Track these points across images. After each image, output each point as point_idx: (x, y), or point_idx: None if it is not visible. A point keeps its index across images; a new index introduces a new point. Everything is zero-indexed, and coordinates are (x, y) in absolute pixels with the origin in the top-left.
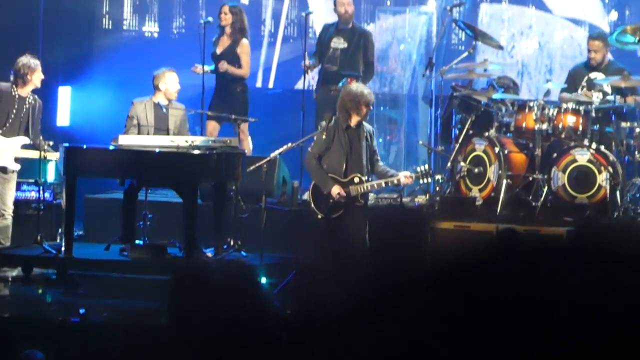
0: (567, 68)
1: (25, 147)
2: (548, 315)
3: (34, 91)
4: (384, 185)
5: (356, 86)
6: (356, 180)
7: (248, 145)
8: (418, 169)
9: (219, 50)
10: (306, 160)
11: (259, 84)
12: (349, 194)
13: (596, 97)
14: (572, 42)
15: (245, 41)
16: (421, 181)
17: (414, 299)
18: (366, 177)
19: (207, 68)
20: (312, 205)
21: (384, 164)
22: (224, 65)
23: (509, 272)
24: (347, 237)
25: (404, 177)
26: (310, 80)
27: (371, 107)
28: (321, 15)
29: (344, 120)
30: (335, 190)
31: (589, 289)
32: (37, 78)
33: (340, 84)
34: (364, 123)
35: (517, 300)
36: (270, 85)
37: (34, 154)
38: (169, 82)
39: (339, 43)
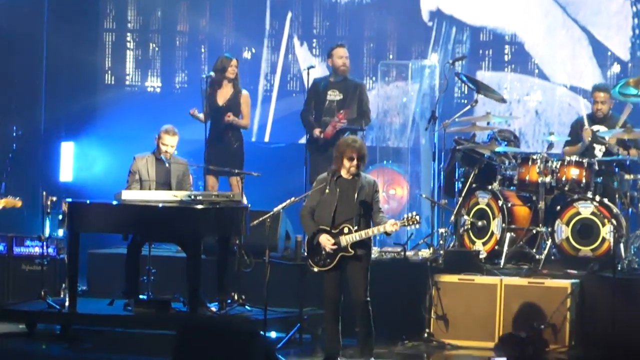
0: (564, 135)
1: None
2: None
3: None
4: (371, 233)
5: (344, 138)
6: (346, 230)
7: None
8: (405, 215)
9: (220, 102)
10: (300, 214)
11: (265, 138)
12: (339, 244)
13: (599, 149)
14: (570, 110)
15: (246, 92)
16: (408, 228)
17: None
18: (356, 228)
19: (200, 115)
20: (308, 259)
21: (383, 215)
22: (230, 117)
23: None
24: (348, 290)
25: (390, 224)
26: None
27: (354, 159)
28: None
29: (337, 171)
30: (323, 239)
31: None
32: None
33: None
34: (364, 175)
35: None
36: (266, 139)
37: None
38: (161, 140)
39: (334, 95)
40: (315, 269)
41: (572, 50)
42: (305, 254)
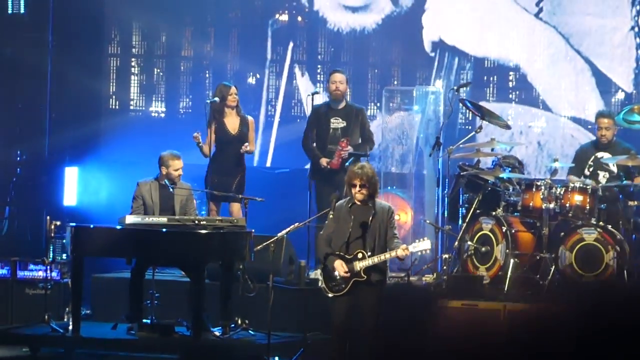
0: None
1: None
2: None
3: None
4: (383, 258)
5: (351, 166)
6: (359, 256)
7: None
8: (416, 241)
9: (232, 131)
10: (316, 242)
11: (267, 163)
12: (352, 269)
13: (602, 176)
14: (573, 142)
15: (251, 118)
16: (419, 253)
17: None
18: (370, 254)
19: (205, 148)
20: (322, 284)
21: (398, 241)
22: (247, 148)
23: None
24: (358, 316)
25: (401, 249)
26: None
27: (357, 185)
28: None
29: (352, 198)
30: (337, 264)
31: None
32: None
33: (347, 164)
34: (379, 201)
35: None
36: (268, 164)
37: None
38: (171, 167)
39: (337, 123)
40: (330, 295)
41: (575, 81)
42: (321, 279)
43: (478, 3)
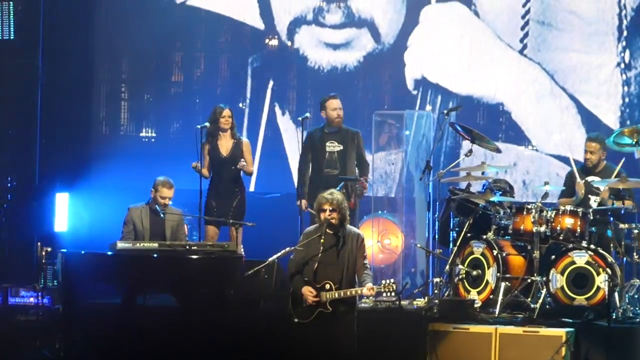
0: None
1: None
2: None
3: None
4: (349, 294)
5: (321, 193)
6: (327, 286)
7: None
8: (382, 281)
9: (224, 153)
10: (287, 267)
11: (251, 188)
12: (319, 299)
13: (594, 200)
14: (559, 180)
15: (246, 140)
16: (384, 294)
17: None
18: (338, 285)
19: (204, 171)
20: (290, 308)
21: (367, 273)
22: (242, 164)
23: None
24: (324, 344)
25: (366, 288)
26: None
27: (329, 211)
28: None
29: (321, 226)
30: (305, 290)
31: None
32: None
33: (338, 188)
34: (349, 228)
35: None
36: (252, 189)
37: None
38: (159, 193)
39: (334, 146)
40: (296, 320)
41: (560, 118)
42: (289, 304)
43: (461, 40)
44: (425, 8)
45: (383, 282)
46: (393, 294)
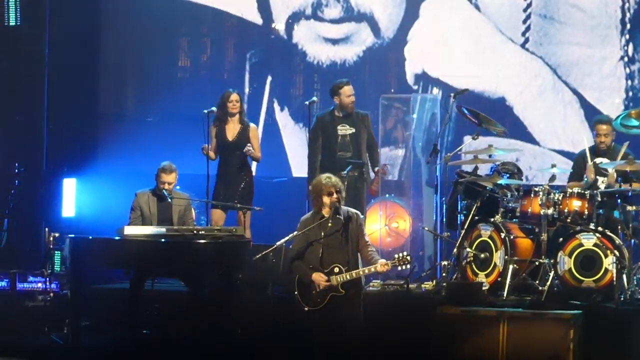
0: (567, 167)
1: None
2: None
3: None
4: (362, 273)
5: (316, 179)
6: (336, 270)
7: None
8: (396, 255)
9: (230, 137)
10: (282, 256)
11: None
12: (331, 283)
13: (601, 181)
14: (561, 176)
15: (254, 125)
16: (399, 268)
17: None
18: (347, 267)
19: (211, 153)
20: (298, 298)
21: (372, 250)
22: (250, 150)
23: None
24: (337, 329)
25: (380, 264)
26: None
27: (335, 193)
28: None
29: (318, 212)
30: (316, 277)
31: None
32: None
33: (345, 172)
34: (345, 209)
35: None
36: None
37: None
38: (159, 179)
39: (345, 130)
40: (306, 309)
41: (563, 113)
42: (296, 293)
43: (462, 34)
44: (425, 1)
45: (396, 255)
46: (408, 265)
